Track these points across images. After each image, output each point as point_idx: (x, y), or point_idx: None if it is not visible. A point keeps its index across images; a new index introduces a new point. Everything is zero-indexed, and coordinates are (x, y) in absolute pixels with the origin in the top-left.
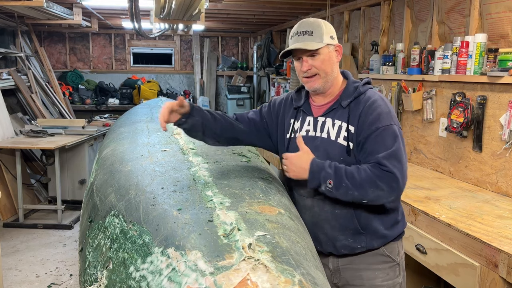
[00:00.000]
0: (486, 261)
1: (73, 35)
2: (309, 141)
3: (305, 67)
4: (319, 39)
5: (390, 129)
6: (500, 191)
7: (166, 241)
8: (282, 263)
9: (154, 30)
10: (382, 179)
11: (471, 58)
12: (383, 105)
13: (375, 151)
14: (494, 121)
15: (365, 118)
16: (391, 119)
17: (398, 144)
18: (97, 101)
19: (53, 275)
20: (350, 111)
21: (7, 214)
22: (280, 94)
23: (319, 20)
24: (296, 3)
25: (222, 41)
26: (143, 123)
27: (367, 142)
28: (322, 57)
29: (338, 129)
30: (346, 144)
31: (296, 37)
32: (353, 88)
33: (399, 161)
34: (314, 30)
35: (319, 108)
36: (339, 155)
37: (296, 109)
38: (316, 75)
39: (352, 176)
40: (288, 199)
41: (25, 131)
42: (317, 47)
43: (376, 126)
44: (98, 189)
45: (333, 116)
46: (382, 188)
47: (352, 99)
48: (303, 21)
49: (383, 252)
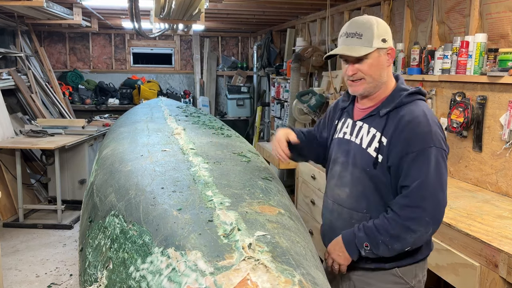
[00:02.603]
0: (486, 261)
1: (73, 35)
2: (343, 144)
3: (350, 71)
4: (368, 43)
5: (425, 154)
6: (500, 191)
7: (166, 241)
8: (282, 263)
9: (154, 30)
10: (413, 221)
11: (471, 58)
12: (424, 123)
13: (406, 179)
14: (494, 121)
15: (400, 135)
16: (430, 140)
17: (431, 170)
18: (97, 101)
19: (53, 275)
20: (387, 121)
21: (7, 214)
22: (280, 94)
23: (372, 20)
24: (296, 3)
25: (222, 41)
26: (143, 123)
27: (400, 165)
28: (370, 61)
29: (372, 138)
30: (375, 156)
31: (344, 39)
32: (397, 96)
33: (430, 190)
34: (364, 33)
35: (361, 111)
36: (365, 165)
37: (342, 110)
38: (361, 79)
39: (385, 229)
40: (288, 199)
41: (25, 131)
42: (364, 53)
43: (411, 149)
44: (98, 189)
45: (370, 123)
46: (417, 229)
47: (391, 108)
48: (354, 20)
49: (396, 273)
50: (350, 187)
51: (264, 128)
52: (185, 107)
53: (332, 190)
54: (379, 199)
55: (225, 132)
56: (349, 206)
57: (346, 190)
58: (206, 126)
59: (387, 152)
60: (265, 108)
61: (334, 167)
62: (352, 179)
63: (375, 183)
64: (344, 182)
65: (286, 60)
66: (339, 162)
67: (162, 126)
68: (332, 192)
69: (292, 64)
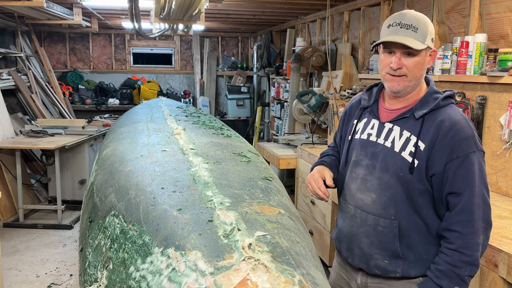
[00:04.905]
0: (486, 261)
1: (73, 35)
2: (368, 146)
3: (396, 65)
4: (422, 39)
5: (470, 159)
6: (500, 191)
7: (166, 241)
8: (282, 263)
9: (154, 30)
10: (476, 234)
11: (471, 58)
12: (466, 127)
13: (453, 186)
14: (494, 121)
15: (443, 141)
16: (474, 145)
17: (477, 176)
18: (97, 101)
19: (53, 275)
20: (423, 124)
21: (7, 214)
22: (280, 94)
23: (425, 17)
24: (296, 3)
25: (222, 41)
26: (143, 123)
27: (445, 171)
28: (418, 59)
29: (405, 141)
30: (411, 161)
31: (396, 28)
32: (432, 99)
33: (480, 197)
34: (420, 27)
35: (389, 112)
36: (399, 170)
37: (362, 109)
38: (403, 76)
39: (462, 261)
40: (288, 199)
41: (25, 131)
42: (420, 47)
43: (456, 154)
44: (98, 189)
45: (403, 126)
46: (480, 238)
47: (427, 111)
48: (408, 12)
49: (418, 282)
50: (377, 192)
51: (264, 128)
52: (185, 107)
53: (354, 194)
54: (409, 206)
55: (225, 132)
56: (375, 213)
57: (372, 195)
58: (206, 126)
59: (426, 158)
60: (265, 108)
61: (355, 170)
62: (379, 184)
63: (407, 189)
64: (370, 187)
65: (286, 60)
66: (363, 165)
67: (162, 126)
68: (353, 197)
69: (292, 64)
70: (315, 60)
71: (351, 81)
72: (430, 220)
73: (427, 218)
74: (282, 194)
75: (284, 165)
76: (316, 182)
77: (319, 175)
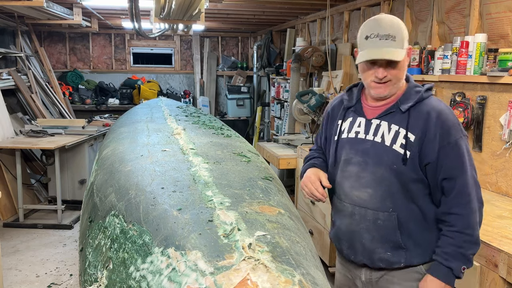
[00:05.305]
0: (486, 261)
1: (73, 35)
2: (357, 144)
3: (381, 74)
4: (401, 45)
5: (458, 144)
6: (500, 191)
7: (166, 241)
8: (282, 263)
9: (154, 30)
10: (475, 213)
11: (471, 58)
12: (450, 115)
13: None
14: (494, 121)
15: (432, 130)
16: (460, 131)
17: (466, 159)
18: (97, 101)
19: (53, 275)
20: (409, 117)
21: (7, 214)
22: (280, 94)
23: (399, 21)
24: (296, 3)
25: (222, 41)
26: (143, 123)
27: (438, 159)
28: (401, 64)
29: (395, 134)
30: (403, 153)
31: (375, 40)
32: (414, 92)
33: (471, 178)
34: (397, 35)
35: (374, 109)
36: (392, 163)
37: (346, 109)
38: (388, 81)
39: (465, 241)
40: (288, 199)
41: (25, 131)
42: (402, 56)
43: (446, 141)
44: (98, 189)
45: (390, 120)
46: (477, 217)
47: (412, 103)
48: (382, 19)
49: (420, 270)
50: (372, 187)
51: (264, 128)
52: (185, 107)
53: (349, 192)
54: (404, 196)
55: (225, 132)
56: (373, 207)
57: (368, 190)
58: (206, 126)
59: (419, 148)
60: (265, 108)
61: (346, 168)
62: (374, 179)
63: (401, 180)
64: (364, 183)
65: (286, 60)
66: (355, 163)
67: (162, 126)
68: (348, 195)
69: (292, 64)
70: (315, 60)
71: (351, 81)
72: (426, 207)
73: (422, 206)
74: (282, 194)
75: (284, 165)
76: (314, 183)
77: (315, 177)
